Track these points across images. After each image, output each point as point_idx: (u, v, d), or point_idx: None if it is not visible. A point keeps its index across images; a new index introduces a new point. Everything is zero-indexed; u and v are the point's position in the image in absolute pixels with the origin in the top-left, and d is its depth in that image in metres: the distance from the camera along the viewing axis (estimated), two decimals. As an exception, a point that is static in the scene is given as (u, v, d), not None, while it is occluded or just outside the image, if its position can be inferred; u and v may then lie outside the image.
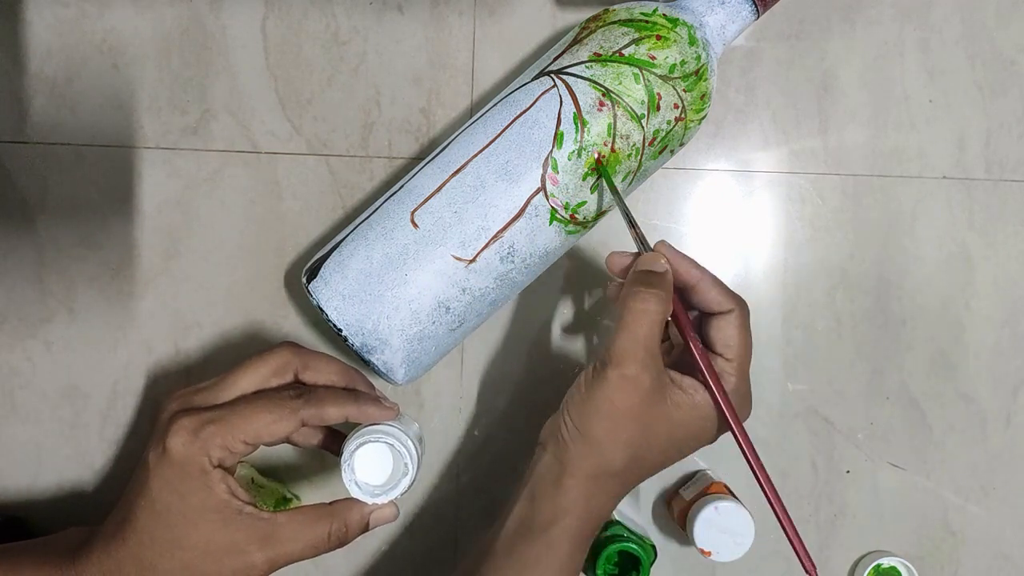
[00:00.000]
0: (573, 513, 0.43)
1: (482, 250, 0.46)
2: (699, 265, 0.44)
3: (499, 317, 0.56)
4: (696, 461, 0.57)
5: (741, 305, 0.44)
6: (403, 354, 0.47)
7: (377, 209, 0.48)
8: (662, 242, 0.44)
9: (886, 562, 0.56)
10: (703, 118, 0.49)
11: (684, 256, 0.44)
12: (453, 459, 0.57)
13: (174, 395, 0.45)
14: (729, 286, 0.44)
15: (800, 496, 0.57)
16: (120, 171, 0.55)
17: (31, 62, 0.55)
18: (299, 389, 0.45)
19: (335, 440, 0.49)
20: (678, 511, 0.54)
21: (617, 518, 0.54)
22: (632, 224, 0.45)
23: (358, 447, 0.44)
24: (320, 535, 0.44)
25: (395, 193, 0.48)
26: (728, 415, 0.42)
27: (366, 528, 0.45)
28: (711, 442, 0.44)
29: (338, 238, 0.48)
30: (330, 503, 0.45)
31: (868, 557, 0.57)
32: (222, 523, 0.42)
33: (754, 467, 0.41)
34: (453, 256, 0.46)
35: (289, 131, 0.56)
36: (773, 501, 0.41)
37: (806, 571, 0.40)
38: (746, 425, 0.45)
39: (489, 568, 0.44)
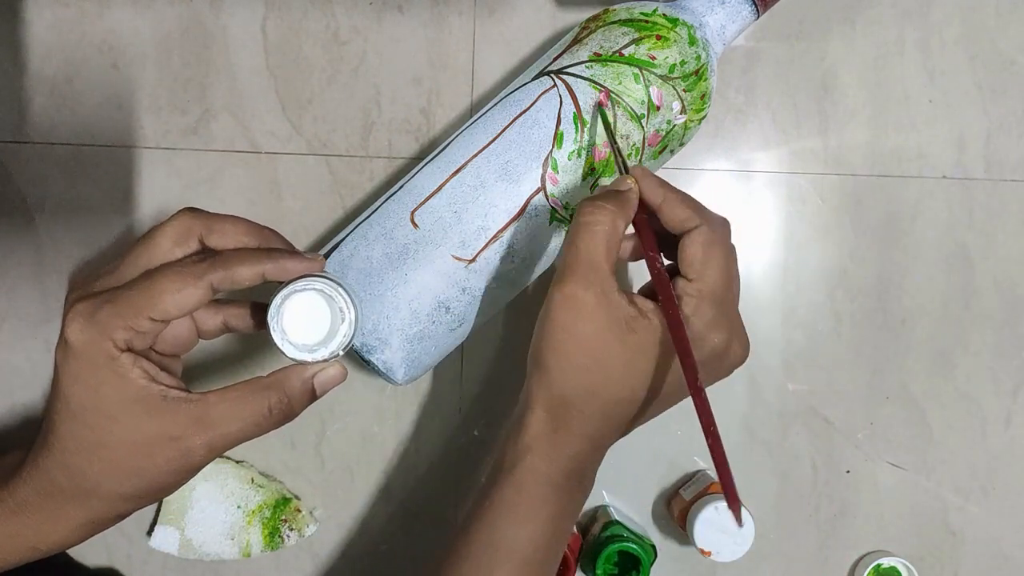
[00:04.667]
0: (535, 451, 0.39)
1: (482, 250, 0.46)
2: (668, 184, 0.40)
3: (499, 317, 0.56)
4: (696, 461, 0.57)
5: (711, 220, 0.40)
6: (403, 354, 0.47)
7: (377, 209, 0.48)
8: (638, 166, 0.41)
9: (886, 562, 0.56)
10: (703, 118, 0.49)
11: (653, 177, 0.41)
12: (453, 459, 0.57)
13: (74, 284, 0.41)
14: None
15: (800, 496, 0.57)
16: (120, 171, 0.55)
17: (31, 62, 0.55)
18: (204, 254, 0.39)
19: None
20: (678, 511, 0.54)
21: (617, 518, 0.55)
22: (618, 152, 0.43)
23: (284, 300, 0.38)
24: (259, 410, 0.38)
25: (395, 193, 0.48)
26: (672, 330, 0.37)
27: (312, 396, 0.40)
28: (704, 382, 0.38)
29: (338, 238, 0.48)
30: (267, 374, 0.39)
31: (868, 557, 0.57)
32: (145, 412, 0.37)
33: (694, 395, 0.36)
34: (453, 256, 0.46)
35: (289, 131, 0.56)
36: (706, 430, 0.36)
37: (731, 507, 0.36)
38: (747, 427, 0.44)
39: (467, 519, 0.41)
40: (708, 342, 0.39)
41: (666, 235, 0.41)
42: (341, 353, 0.39)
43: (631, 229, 0.41)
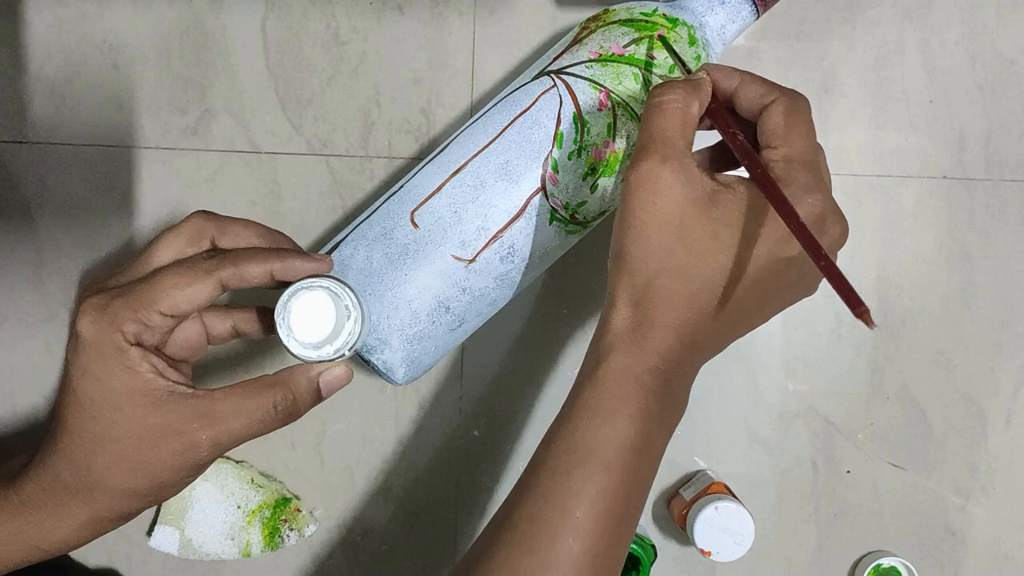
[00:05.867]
0: (618, 348, 0.37)
1: (482, 250, 0.46)
2: (739, 69, 0.39)
3: (499, 317, 0.56)
4: (696, 461, 0.57)
5: (788, 93, 0.38)
6: (403, 354, 0.47)
7: (377, 209, 0.48)
8: (707, 63, 0.40)
9: (886, 562, 0.56)
10: (703, 118, 0.49)
11: (725, 66, 0.39)
12: (453, 459, 0.57)
13: (86, 285, 0.41)
14: None
15: (800, 496, 0.57)
16: (120, 171, 0.56)
17: (31, 62, 0.55)
18: (215, 251, 0.40)
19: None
20: (678, 511, 0.55)
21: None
22: (683, 66, 0.42)
23: (290, 298, 0.39)
24: (264, 407, 0.39)
25: (395, 193, 0.48)
26: (766, 189, 0.34)
27: (318, 396, 0.40)
28: (783, 250, 0.36)
29: (338, 238, 0.48)
30: (274, 372, 0.40)
31: (868, 557, 0.57)
32: (152, 406, 0.37)
33: (811, 253, 0.32)
34: (453, 256, 0.46)
35: (289, 131, 0.56)
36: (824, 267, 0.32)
37: (857, 312, 0.30)
38: (747, 427, 0.44)
39: (549, 430, 0.38)
40: (803, 204, 0.35)
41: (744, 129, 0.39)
42: (347, 353, 0.40)
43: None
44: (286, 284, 0.39)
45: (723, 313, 0.37)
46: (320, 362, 0.40)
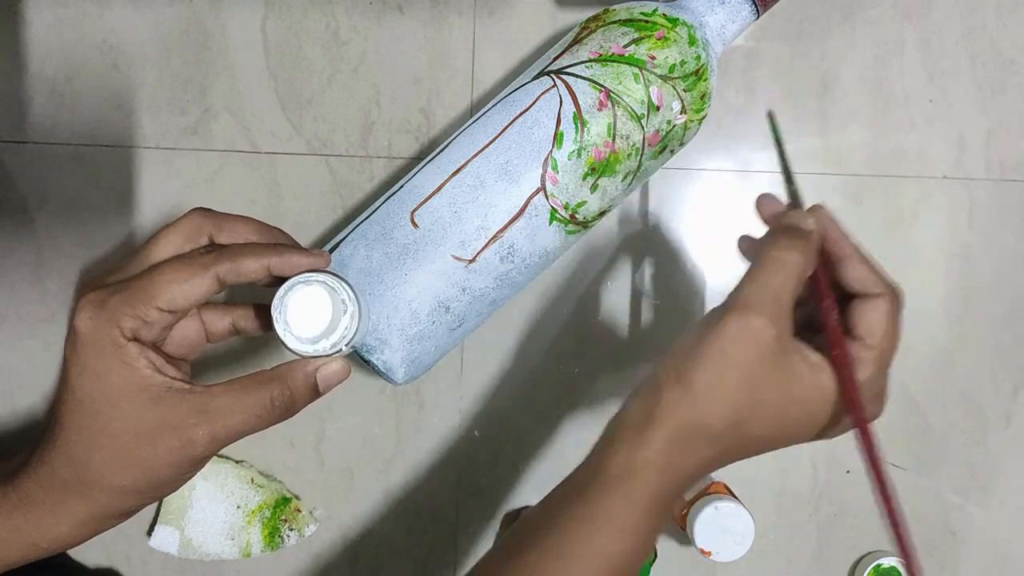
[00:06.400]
0: (654, 467, 0.37)
1: (482, 250, 0.46)
2: (852, 238, 0.39)
3: (499, 317, 0.56)
4: (696, 461, 0.57)
5: (894, 292, 0.39)
6: (403, 354, 0.47)
7: (377, 209, 0.48)
8: (819, 205, 0.39)
9: (886, 562, 0.56)
10: (703, 118, 0.49)
11: (839, 226, 0.39)
12: (453, 459, 0.57)
13: (84, 282, 0.41)
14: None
15: (800, 496, 0.57)
16: (120, 171, 0.56)
17: (31, 62, 0.55)
18: (212, 247, 0.40)
19: None
20: (678, 511, 0.54)
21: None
22: (789, 178, 0.41)
23: (287, 293, 0.38)
24: (261, 402, 0.39)
25: (395, 193, 0.48)
26: (851, 403, 0.36)
27: (315, 391, 0.40)
28: (824, 436, 0.39)
29: (338, 238, 0.48)
30: (271, 368, 0.40)
31: (868, 557, 0.57)
32: (149, 402, 0.37)
33: (874, 472, 0.36)
34: (453, 256, 0.46)
35: (289, 131, 0.56)
36: (888, 512, 0.36)
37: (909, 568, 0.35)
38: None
39: (559, 517, 0.38)
40: (870, 409, 0.38)
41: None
42: (344, 348, 0.39)
43: None
44: (284, 280, 0.39)
45: (736, 459, 0.40)
46: (317, 357, 0.39)
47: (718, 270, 0.57)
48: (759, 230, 0.40)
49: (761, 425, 0.38)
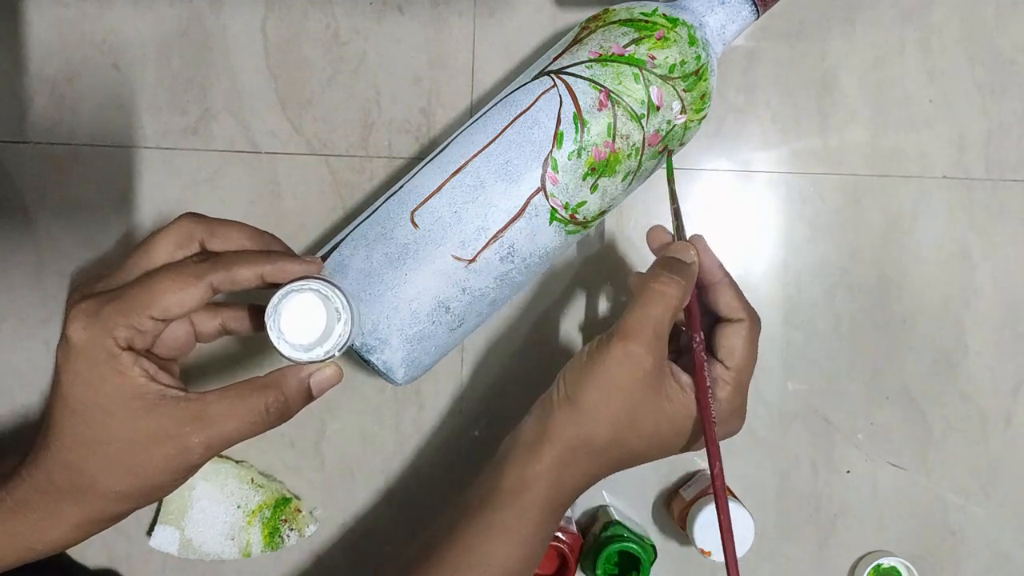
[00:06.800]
0: (545, 480, 0.41)
1: (482, 250, 0.46)
2: (724, 268, 0.44)
3: (499, 317, 0.56)
4: (696, 461, 0.57)
5: (753, 318, 0.43)
6: (403, 354, 0.47)
7: (377, 209, 0.48)
8: (698, 236, 0.44)
9: (886, 562, 0.56)
10: (703, 118, 0.49)
11: (713, 255, 0.44)
12: (453, 459, 0.57)
13: (76, 285, 0.41)
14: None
15: (800, 496, 0.57)
16: (120, 171, 0.56)
17: (31, 62, 0.55)
18: (205, 255, 0.40)
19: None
20: (678, 511, 0.54)
21: (617, 518, 0.55)
22: (676, 214, 0.45)
23: (281, 300, 0.39)
24: (256, 409, 0.39)
25: (395, 193, 0.48)
26: (704, 419, 0.41)
27: (309, 396, 0.41)
28: (691, 448, 0.44)
29: (338, 238, 0.48)
30: (265, 374, 0.40)
31: (868, 557, 0.57)
32: (144, 410, 0.37)
33: (715, 480, 0.41)
34: (453, 256, 0.46)
35: (289, 131, 0.56)
36: (721, 515, 0.40)
37: None
38: (747, 427, 0.45)
39: (455, 532, 0.42)
40: (727, 426, 0.43)
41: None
42: (337, 354, 0.40)
43: None
44: (277, 285, 0.39)
45: (617, 470, 0.44)
46: (311, 363, 0.40)
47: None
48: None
49: (639, 441, 0.42)
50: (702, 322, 0.43)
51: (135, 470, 0.38)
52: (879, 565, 0.56)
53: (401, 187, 0.48)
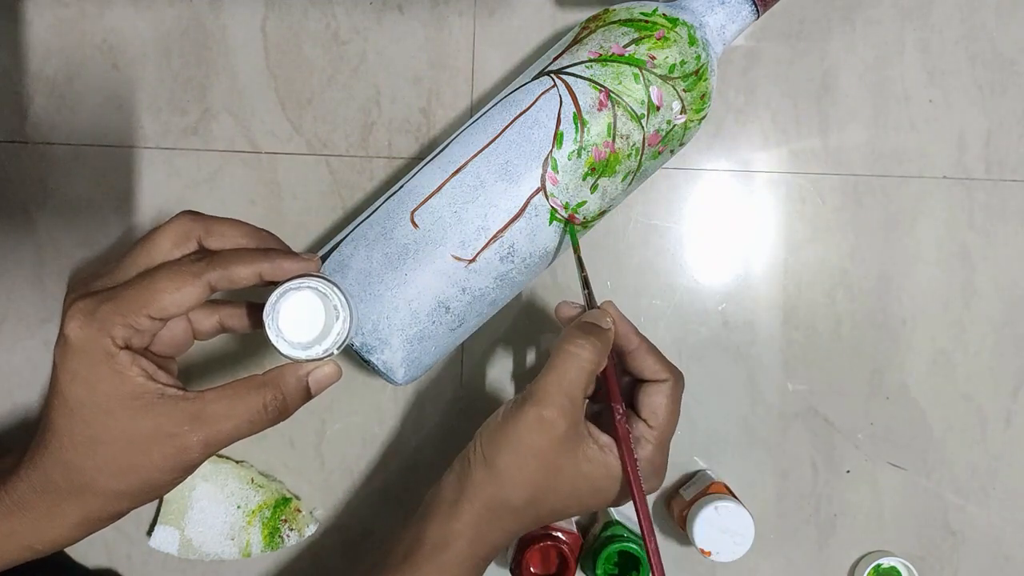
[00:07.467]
0: (464, 538, 0.42)
1: (482, 250, 0.46)
2: (640, 333, 0.44)
3: (499, 317, 0.56)
4: (696, 461, 0.57)
5: (676, 376, 0.43)
6: (403, 354, 0.47)
7: (377, 209, 0.48)
8: (609, 302, 0.44)
9: (886, 562, 0.56)
10: (703, 118, 0.49)
11: (628, 321, 0.44)
12: (453, 459, 0.57)
13: (73, 284, 0.41)
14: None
15: (800, 496, 0.57)
16: (120, 171, 0.56)
17: (31, 62, 0.55)
18: (202, 253, 0.40)
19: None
20: (678, 511, 0.54)
21: (617, 518, 0.55)
22: (585, 283, 0.45)
23: (279, 298, 0.39)
24: (254, 407, 0.39)
25: (395, 193, 0.48)
26: (632, 481, 0.41)
27: (307, 394, 0.41)
28: (614, 504, 0.44)
29: (338, 238, 0.48)
30: (263, 372, 0.40)
31: (868, 557, 0.57)
32: (142, 409, 0.37)
33: (646, 539, 0.41)
34: (453, 256, 0.46)
35: (289, 131, 0.56)
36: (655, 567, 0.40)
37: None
38: (747, 427, 0.45)
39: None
40: (647, 483, 0.43)
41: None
42: (336, 352, 0.40)
43: None
44: (275, 282, 0.39)
45: (536, 527, 0.45)
46: (309, 361, 0.40)
47: (719, 269, 0.57)
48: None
49: (556, 500, 0.42)
50: (623, 381, 0.43)
51: (134, 469, 0.38)
52: (879, 565, 0.56)
53: (401, 187, 0.48)
